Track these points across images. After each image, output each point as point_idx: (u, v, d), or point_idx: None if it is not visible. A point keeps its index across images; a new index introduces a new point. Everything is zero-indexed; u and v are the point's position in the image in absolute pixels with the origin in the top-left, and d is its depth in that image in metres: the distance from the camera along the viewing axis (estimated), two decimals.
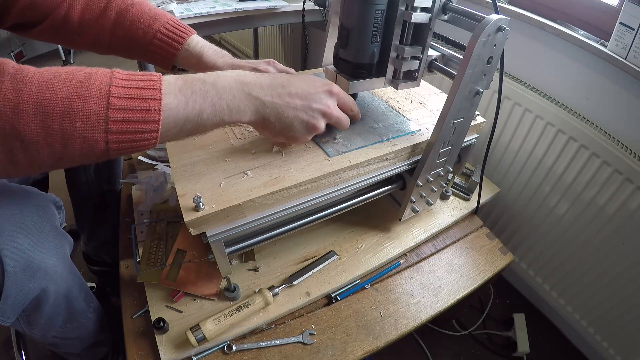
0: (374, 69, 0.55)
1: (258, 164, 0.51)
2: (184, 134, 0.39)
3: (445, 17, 0.54)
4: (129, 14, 0.54)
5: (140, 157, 0.89)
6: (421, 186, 0.62)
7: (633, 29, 0.71)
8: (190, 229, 0.43)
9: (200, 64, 0.57)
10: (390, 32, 0.51)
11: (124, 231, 0.73)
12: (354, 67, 0.54)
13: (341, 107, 0.50)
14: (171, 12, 1.04)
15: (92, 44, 0.56)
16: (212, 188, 0.46)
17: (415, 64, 0.56)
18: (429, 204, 0.69)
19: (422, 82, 0.77)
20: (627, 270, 0.81)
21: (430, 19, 0.50)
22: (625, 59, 0.73)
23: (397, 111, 0.66)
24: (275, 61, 0.62)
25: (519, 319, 1.01)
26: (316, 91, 0.46)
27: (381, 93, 0.72)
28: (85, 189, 0.80)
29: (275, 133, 0.46)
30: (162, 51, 0.56)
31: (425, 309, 0.64)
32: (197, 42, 0.57)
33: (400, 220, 0.70)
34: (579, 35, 0.81)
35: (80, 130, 0.32)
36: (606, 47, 0.76)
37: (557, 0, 0.92)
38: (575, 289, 0.94)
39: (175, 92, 0.36)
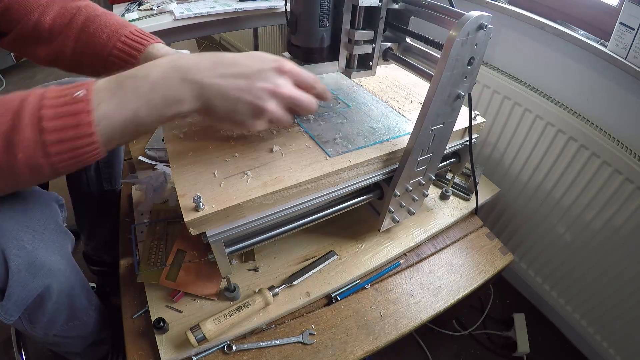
0: (325, 53, 0.57)
1: (258, 164, 0.51)
2: (128, 137, 0.37)
3: (397, 5, 0.54)
4: (97, 20, 0.53)
5: (140, 157, 0.89)
6: (399, 196, 0.59)
7: (633, 29, 0.71)
8: (190, 229, 0.43)
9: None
10: (341, 16, 0.52)
11: (124, 231, 0.73)
12: (305, 51, 0.55)
13: (299, 85, 0.45)
14: (171, 12, 1.04)
15: (56, 53, 0.54)
16: (212, 188, 0.46)
17: (368, 48, 0.56)
18: (410, 213, 0.67)
19: (423, 82, 0.77)
20: (627, 270, 0.81)
21: (380, 2, 0.51)
22: (625, 59, 0.73)
23: (397, 111, 0.66)
24: None
25: (519, 319, 1.01)
26: (262, 68, 0.41)
27: (381, 93, 0.72)
28: (85, 188, 0.80)
29: (220, 118, 0.41)
30: (124, 54, 0.53)
31: (425, 309, 0.64)
32: (162, 47, 0.55)
33: (379, 230, 0.67)
34: (579, 35, 0.81)
35: (24, 161, 0.32)
36: (606, 47, 0.76)
37: (557, 0, 0.92)
38: (575, 289, 0.94)
39: (107, 98, 0.35)
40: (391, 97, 0.71)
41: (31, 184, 0.37)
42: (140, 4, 1.12)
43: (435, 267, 0.71)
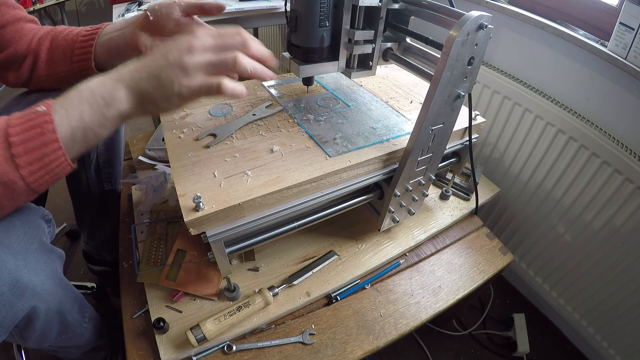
0: (325, 53, 0.56)
1: (258, 164, 0.51)
2: (79, 144, 0.40)
3: (397, 5, 0.54)
4: (65, 29, 0.61)
5: (140, 157, 0.89)
6: (399, 196, 0.59)
7: (633, 29, 0.71)
8: (190, 229, 0.43)
9: (120, 34, 0.58)
10: (341, 16, 0.52)
11: (124, 231, 0.73)
12: (304, 51, 0.55)
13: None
14: None
15: (33, 61, 0.59)
16: (212, 188, 0.46)
17: (368, 48, 0.56)
18: (410, 213, 0.67)
19: (423, 82, 0.77)
20: (627, 270, 0.81)
21: (380, 2, 0.51)
22: (625, 59, 0.73)
23: (397, 111, 0.66)
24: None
25: (519, 319, 1.01)
26: (175, 43, 0.43)
27: (381, 93, 0.72)
28: (85, 189, 0.80)
29: (156, 97, 0.42)
30: (88, 36, 0.58)
31: (425, 309, 0.64)
32: (110, 24, 0.60)
33: (379, 230, 0.68)
34: (579, 35, 0.81)
35: None
36: (606, 47, 0.76)
37: (557, 0, 0.92)
38: (575, 289, 0.94)
39: (57, 108, 0.39)
40: (391, 97, 0.71)
41: (9, 207, 0.40)
42: (140, 4, 1.12)
43: (435, 267, 0.71)
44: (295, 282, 0.62)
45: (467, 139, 0.66)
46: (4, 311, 0.43)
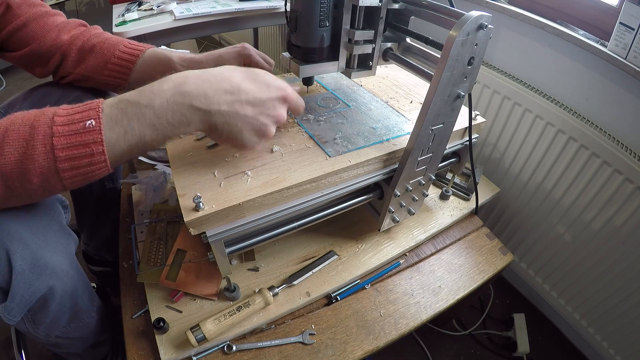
0: (325, 53, 0.56)
1: (258, 164, 0.51)
2: (134, 156, 0.41)
3: (397, 5, 0.54)
4: (101, 35, 0.62)
5: (140, 157, 0.89)
6: (399, 196, 0.59)
7: (633, 29, 0.71)
8: (190, 229, 0.43)
9: (161, 60, 0.60)
10: (341, 16, 0.53)
11: (124, 231, 0.73)
12: (304, 51, 0.55)
13: (293, 110, 0.50)
14: (171, 12, 1.04)
15: (61, 57, 0.60)
16: (212, 188, 0.46)
17: (368, 48, 0.56)
18: (410, 213, 0.67)
19: (423, 82, 0.77)
20: (627, 270, 0.81)
21: (380, 2, 0.52)
22: (625, 59, 0.73)
23: (397, 111, 0.66)
24: (249, 47, 0.62)
25: (519, 319, 1.01)
26: (269, 97, 0.44)
27: (381, 93, 0.72)
28: (86, 187, 0.80)
29: (223, 139, 0.44)
30: (126, 57, 0.60)
31: (425, 309, 0.64)
32: (156, 49, 0.61)
33: (379, 230, 0.68)
34: (579, 35, 0.81)
35: (38, 184, 0.36)
36: (606, 47, 0.76)
37: (557, 0, 0.92)
38: (575, 289, 0.94)
39: (112, 126, 0.37)
40: (391, 97, 0.71)
41: (38, 199, 0.42)
42: (140, 4, 1.12)
43: (435, 267, 0.71)
44: (295, 282, 0.62)
45: (467, 139, 0.66)
46: (23, 289, 0.44)
